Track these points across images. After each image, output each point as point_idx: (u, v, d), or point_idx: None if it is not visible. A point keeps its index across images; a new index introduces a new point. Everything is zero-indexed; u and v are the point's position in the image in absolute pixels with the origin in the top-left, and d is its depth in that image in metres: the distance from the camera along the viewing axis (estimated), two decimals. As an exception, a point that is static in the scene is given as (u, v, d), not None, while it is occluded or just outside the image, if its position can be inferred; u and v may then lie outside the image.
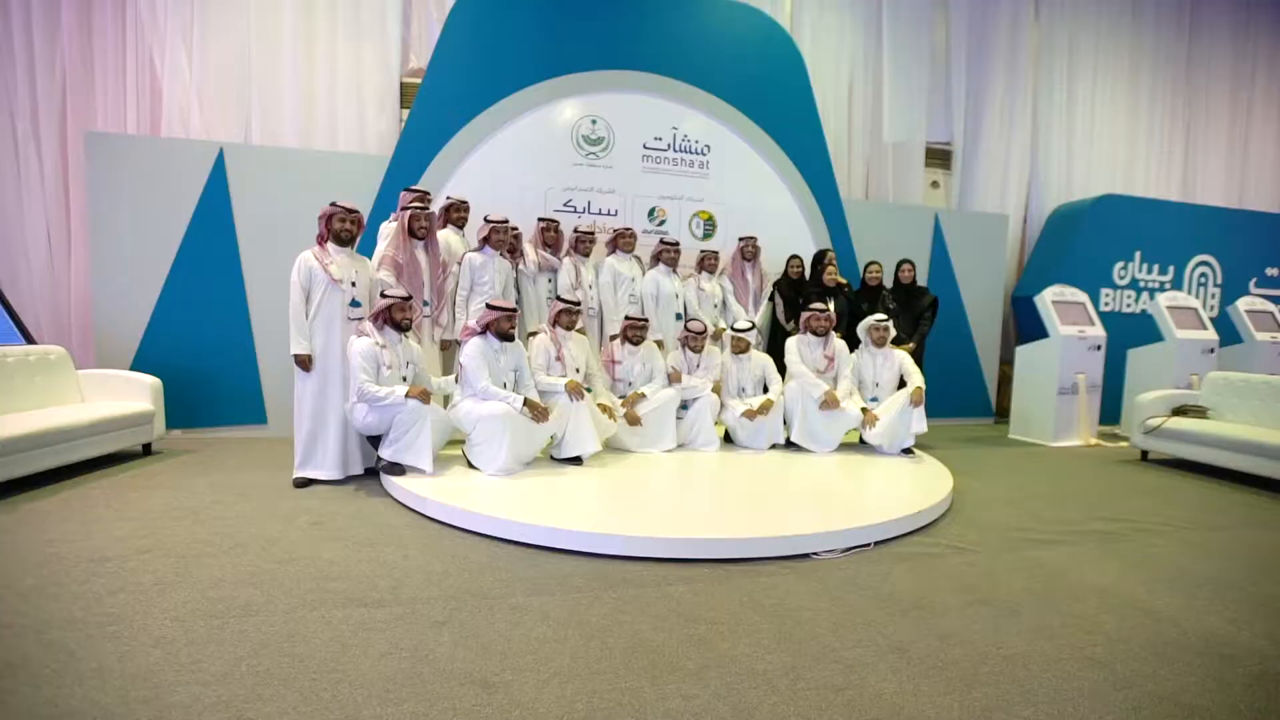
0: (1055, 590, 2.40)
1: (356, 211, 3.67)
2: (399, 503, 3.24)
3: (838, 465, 4.04)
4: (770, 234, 5.52)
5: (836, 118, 6.50)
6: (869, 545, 2.77)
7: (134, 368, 4.60)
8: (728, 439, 4.50)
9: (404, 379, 3.56)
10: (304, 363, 3.54)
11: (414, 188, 4.31)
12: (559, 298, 4.00)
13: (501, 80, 5.04)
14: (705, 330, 4.36)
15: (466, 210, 4.61)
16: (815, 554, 2.65)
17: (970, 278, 6.44)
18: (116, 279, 4.63)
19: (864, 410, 4.28)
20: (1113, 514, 3.43)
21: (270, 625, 1.95)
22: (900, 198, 6.73)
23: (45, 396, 3.96)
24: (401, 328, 3.55)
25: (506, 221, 4.30)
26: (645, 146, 5.41)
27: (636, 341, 4.27)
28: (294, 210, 4.74)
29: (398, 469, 3.45)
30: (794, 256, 5.37)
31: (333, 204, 3.62)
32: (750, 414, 4.22)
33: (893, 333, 4.49)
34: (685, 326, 4.38)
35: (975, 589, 2.38)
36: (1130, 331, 6.41)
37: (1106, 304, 6.64)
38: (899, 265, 5.10)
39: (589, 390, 4.03)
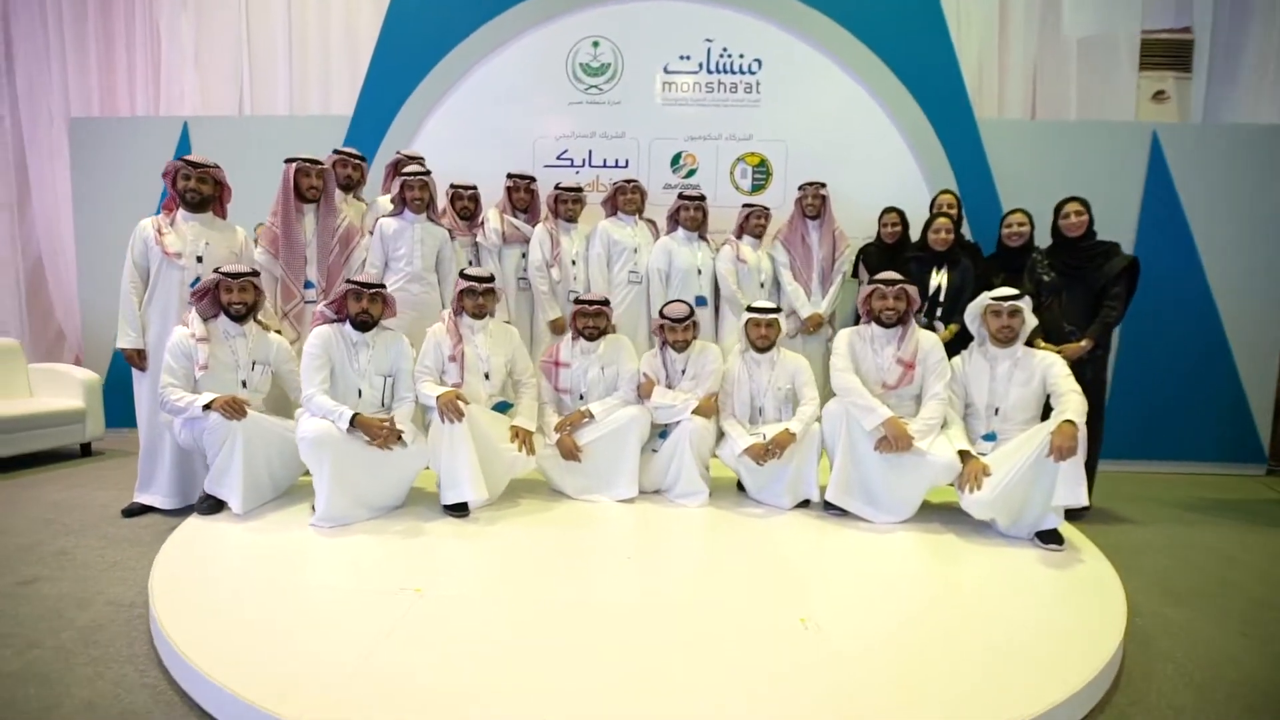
0: None
1: (209, 165, 2.80)
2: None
3: (901, 559, 2.26)
4: (858, 180, 3.81)
5: (980, 5, 4.39)
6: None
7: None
8: (742, 485, 2.91)
9: (243, 384, 2.62)
10: (133, 359, 2.77)
11: (341, 149, 3.40)
12: (463, 274, 2.78)
13: (476, 4, 3.96)
14: (690, 316, 2.83)
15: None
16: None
17: (1221, 237, 3.92)
18: (101, 269, 4.40)
19: (963, 455, 2.43)
20: None
21: None
22: (1091, 114, 4.39)
23: (-11, 389, 3.74)
24: (233, 315, 2.61)
25: (427, 173, 3.19)
26: (666, 70, 3.96)
27: (592, 335, 2.89)
28: (263, 182, 4.12)
29: (213, 504, 2.51)
30: (889, 210, 3.55)
31: (179, 158, 2.80)
32: (758, 451, 2.61)
33: (1030, 321, 2.54)
34: (661, 312, 2.89)
35: None
36: None
37: None
38: (1059, 209, 2.99)
39: (501, 408, 2.76)
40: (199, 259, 2.77)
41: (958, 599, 1.93)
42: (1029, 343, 2.62)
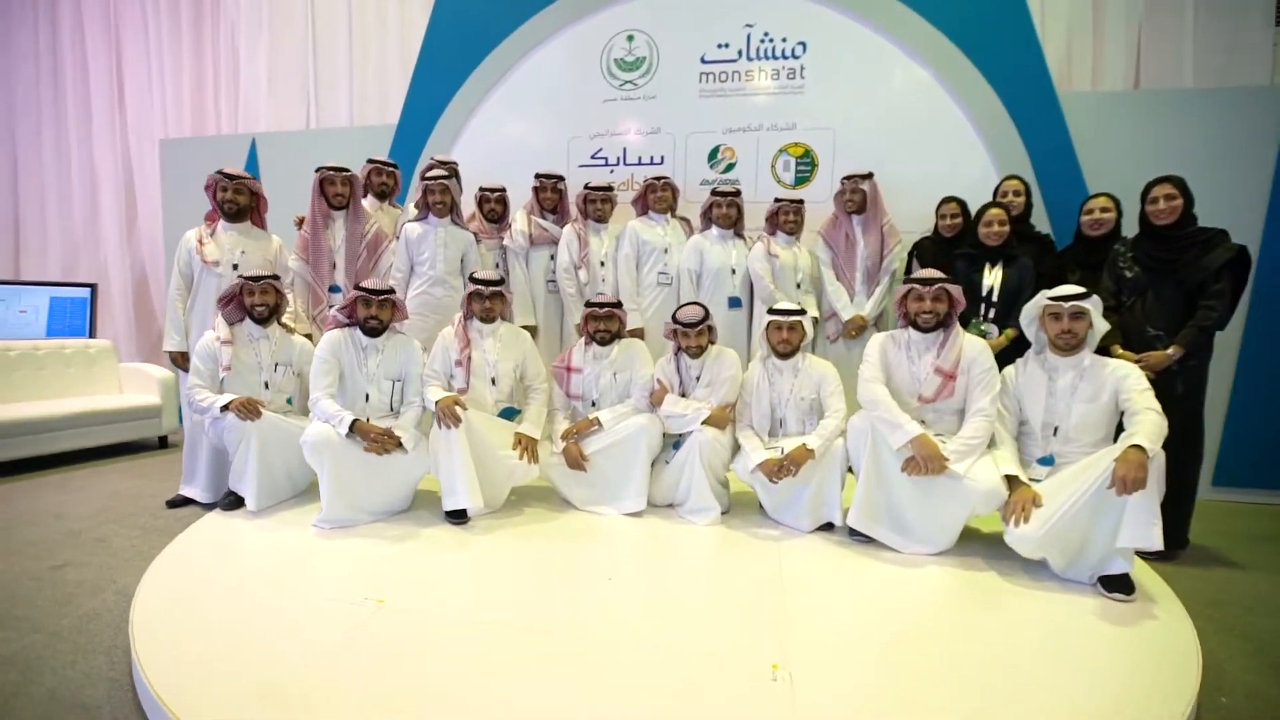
0: None
1: (244, 177, 2.95)
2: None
3: (924, 600, 1.96)
4: (916, 169, 3.47)
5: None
6: None
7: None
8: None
9: (265, 385, 2.72)
10: (178, 361, 2.96)
11: (374, 158, 3.49)
12: (472, 277, 2.74)
13: (514, 5, 3.95)
14: (704, 320, 2.64)
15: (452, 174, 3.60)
16: None
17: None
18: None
19: (1012, 481, 2.09)
20: None
21: None
22: (1210, 81, 3.74)
23: (85, 386, 4.16)
24: (255, 318, 2.71)
25: (448, 177, 3.19)
26: (703, 61, 3.77)
27: (604, 340, 2.77)
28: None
29: (236, 500, 2.62)
30: (948, 200, 3.18)
31: (218, 171, 2.96)
32: (771, 467, 2.38)
33: (1099, 325, 2.14)
34: (674, 316, 2.71)
35: None
36: None
37: None
38: (1146, 193, 2.51)
39: (509, 414, 2.70)
40: (234, 266, 2.91)
41: (981, 657, 1.63)
42: (1102, 350, 2.22)
